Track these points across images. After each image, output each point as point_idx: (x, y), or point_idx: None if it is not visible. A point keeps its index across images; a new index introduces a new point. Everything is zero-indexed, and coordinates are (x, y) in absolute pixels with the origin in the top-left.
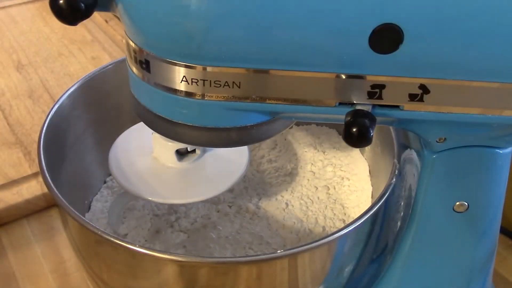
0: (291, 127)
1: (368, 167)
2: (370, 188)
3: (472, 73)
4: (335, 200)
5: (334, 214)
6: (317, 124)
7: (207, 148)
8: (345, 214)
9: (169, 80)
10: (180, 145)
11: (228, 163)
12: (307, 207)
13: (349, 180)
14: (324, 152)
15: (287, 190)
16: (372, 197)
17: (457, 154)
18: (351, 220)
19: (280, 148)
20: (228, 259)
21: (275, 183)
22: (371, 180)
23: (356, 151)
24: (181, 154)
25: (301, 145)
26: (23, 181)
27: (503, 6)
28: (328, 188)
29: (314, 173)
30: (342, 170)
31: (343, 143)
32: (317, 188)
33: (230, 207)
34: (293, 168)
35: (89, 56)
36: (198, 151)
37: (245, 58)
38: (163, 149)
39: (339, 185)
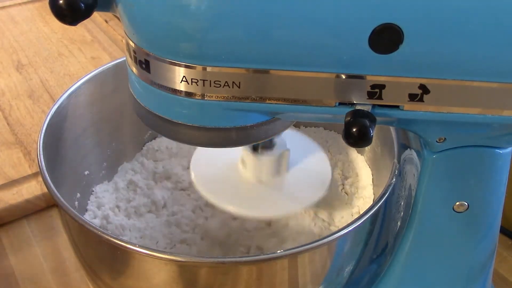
0: (299, 128)
1: (371, 175)
2: (372, 196)
3: (472, 73)
4: (335, 207)
5: (333, 220)
6: (325, 128)
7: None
8: (346, 221)
9: (169, 80)
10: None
11: (310, 180)
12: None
13: (350, 187)
14: (329, 158)
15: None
16: None
17: (457, 154)
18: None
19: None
20: (228, 259)
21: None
22: (373, 188)
23: (360, 158)
24: (255, 149)
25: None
26: (23, 181)
27: (502, 6)
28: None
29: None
30: (345, 177)
31: (349, 150)
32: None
33: None
34: None
35: (89, 56)
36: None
37: (245, 58)
38: (253, 163)
39: (341, 192)
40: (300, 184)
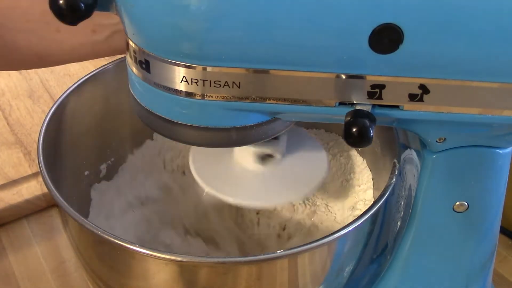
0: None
1: (372, 180)
2: (372, 200)
3: (472, 73)
4: (336, 210)
5: (333, 224)
6: (326, 130)
7: (286, 152)
8: (345, 223)
9: (169, 80)
10: (259, 150)
11: (307, 168)
12: (308, 215)
13: (350, 189)
14: (329, 159)
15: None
16: None
17: (457, 154)
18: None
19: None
20: (228, 259)
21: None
22: (373, 192)
23: (361, 161)
24: (261, 158)
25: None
26: (23, 181)
27: (502, 6)
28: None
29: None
30: (346, 179)
31: (349, 152)
32: (319, 198)
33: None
34: None
35: None
36: (277, 155)
37: (245, 58)
38: (244, 152)
39: (341, 196)
40: (297, 173)
